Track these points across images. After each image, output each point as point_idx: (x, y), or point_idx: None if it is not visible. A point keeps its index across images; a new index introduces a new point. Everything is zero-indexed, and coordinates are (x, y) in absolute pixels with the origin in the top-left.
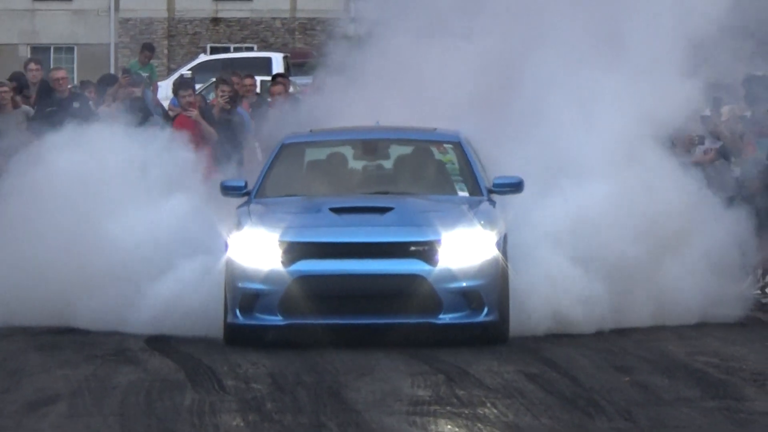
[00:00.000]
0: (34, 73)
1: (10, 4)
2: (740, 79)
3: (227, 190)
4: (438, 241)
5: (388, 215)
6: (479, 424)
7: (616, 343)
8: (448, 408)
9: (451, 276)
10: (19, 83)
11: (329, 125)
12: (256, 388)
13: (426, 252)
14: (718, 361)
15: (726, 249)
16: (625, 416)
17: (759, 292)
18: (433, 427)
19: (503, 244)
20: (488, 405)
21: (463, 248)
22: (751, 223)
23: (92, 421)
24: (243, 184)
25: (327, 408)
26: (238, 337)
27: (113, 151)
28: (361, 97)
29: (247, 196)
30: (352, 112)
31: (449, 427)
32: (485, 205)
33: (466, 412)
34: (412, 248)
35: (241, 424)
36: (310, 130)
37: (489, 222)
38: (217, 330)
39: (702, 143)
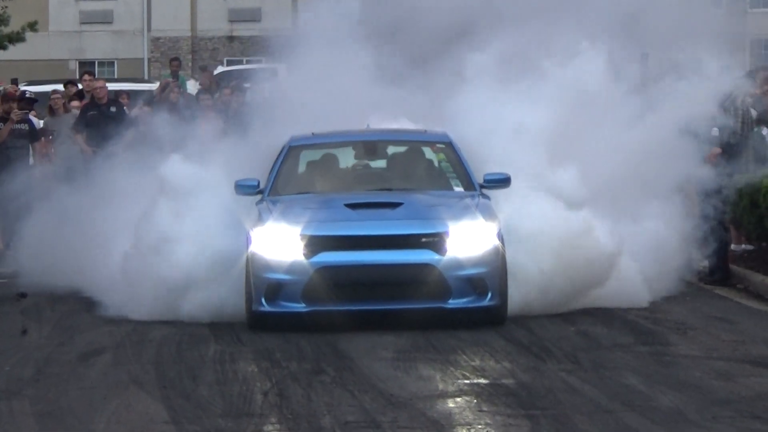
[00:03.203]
0: (87, 83)
1: (61, 26)
2: None
3: (241, 188)
4: (446, 233)
5: (399, 210)
6: (451, 368)
7: None
8: (426, 355)
9: (459, 264)
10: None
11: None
12: (267, 341)
13: (435, 243)
14: (648, 314)
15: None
16: (572, 359)
17: None
18: (413, 371)
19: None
20: (459, 352)
21: (468, 239)
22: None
23: (132, 369)
24: (256, 183)
25: (326, 356)
26: (262, 323)
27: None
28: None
29: (260, 194)
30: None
31: (426, 370)
32: (483, 199)
33: (441, 358)
34: (423, 239)
35: (255, 369)
36: (312, 133)
37: (489, 214)
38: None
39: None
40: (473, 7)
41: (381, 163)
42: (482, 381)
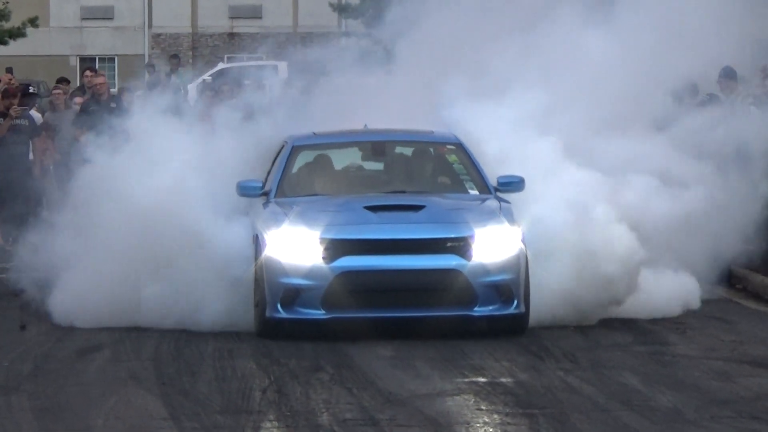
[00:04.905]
0: (89, 79)
1: (62, 22)
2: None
3: (245, 189)
4: (472, 237)
5: (422, 213)
6: (450, 366)
7: None
8: (425, 353)
9: (485, 270)
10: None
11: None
12: (266, 339)
13: (461, 247)
14: None
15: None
16: (570, 359)
17: None
18: (412, 369)
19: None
20: (458, 350)
21: (493, 243)
22: None
23: (131, 365)
24: (261, 184)
25: (325, 354)
26: (277, 330)
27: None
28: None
29: (265, 195)
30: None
31: (425, 369)
32: (504, 202)
33: (439, 356)
34: (449, 244)
35: (254, 367)
36: (314, 133)
37: (512, 218)
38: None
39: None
40: None
41: (388, 165)
42: (481, 379)
